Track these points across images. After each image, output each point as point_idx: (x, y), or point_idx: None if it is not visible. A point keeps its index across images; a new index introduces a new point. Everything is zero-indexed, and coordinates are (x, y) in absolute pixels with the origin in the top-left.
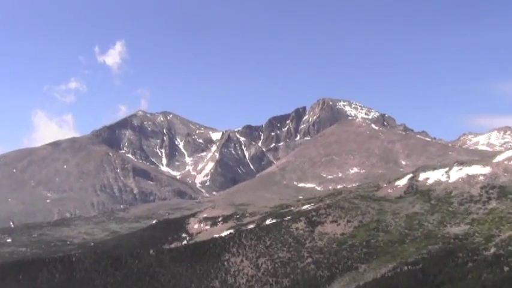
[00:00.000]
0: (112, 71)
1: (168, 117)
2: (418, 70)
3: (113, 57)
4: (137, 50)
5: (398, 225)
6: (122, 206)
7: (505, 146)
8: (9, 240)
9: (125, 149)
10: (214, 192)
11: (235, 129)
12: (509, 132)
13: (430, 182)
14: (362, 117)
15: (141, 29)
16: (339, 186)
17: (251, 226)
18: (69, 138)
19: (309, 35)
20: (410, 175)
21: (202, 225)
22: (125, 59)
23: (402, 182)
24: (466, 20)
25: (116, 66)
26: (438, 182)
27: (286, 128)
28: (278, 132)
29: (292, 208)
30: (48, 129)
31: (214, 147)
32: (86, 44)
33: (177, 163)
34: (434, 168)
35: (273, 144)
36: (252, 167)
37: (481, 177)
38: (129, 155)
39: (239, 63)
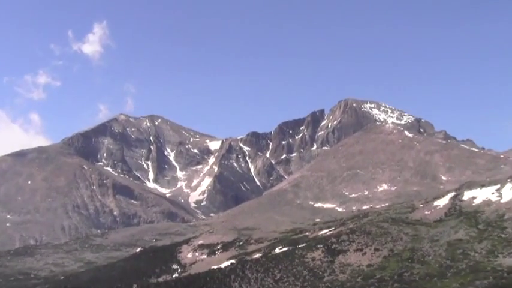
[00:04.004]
0: (91, 62)
1: (156, 122)
2: (462, 67)
3: (91, 44)
4: (123, 36)
5: (438, 255)
6: (99, 231)
7: None
8: None
9: (103, 160)
10: (212, 214)
11: (238, 137)
12: None
13: (477, 201)
14: (393, 123)
15: (128, 9)
16: (364, 207)
17: (257, 255)
18: (34, 148)
19: (328, 24)
20: (453, 193)
21: (197, 254)
22: (107, 47)
23: (443, 201)
24: None
25: (97, 56)
26: (487, 202)
27: (300, 136)
28: (290, 140)
29: (307, 233)
30: (10, 133)
31: (212, 159)
32: (58, 27)
33: (166, 178)
34: (482, 185)
35: (284, 155)
36: (258, 183)
37: None
38: (108, 168)
39: (243, 58)
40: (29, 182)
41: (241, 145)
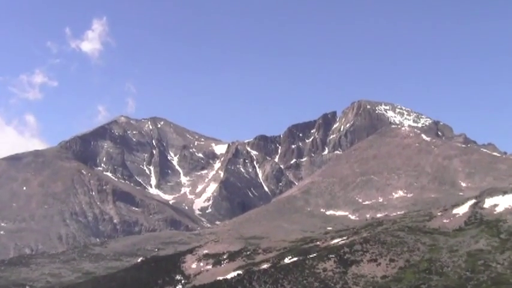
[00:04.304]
0: (90, 60)
1: (159, 125)
2: (482, 66)
3: (90, 41)
4: (123, 33)
5: (457, 266)
6: (98, 240)
7: None
8: None
9: (102, 165)
10: (217, 222)
11: (245, 141)
12: None
13: (499, 209)
14: (409, 125)
15: (129, 4)
16: (379, 215)
17: (265, 266)
18: (30, 151)
19: (340, 23)
20: (473, 201)
21: (202, 264)
22: (107, 45)
23: (462, 209)
24: None
25: (96, 54)
26: (510, 210)
27: (310, 139)
28: (300, 144)
29: (318, 243)
30: (4, 136)
31: (217, 164)
32: (55, 24)
33: (169, 184)
34: (504, 192)
35: (294, 159)
36: (266, 189)
37: None
38: (108, 173)
39: (250, 57)
40: (24, 188)
41: (249, 149)
